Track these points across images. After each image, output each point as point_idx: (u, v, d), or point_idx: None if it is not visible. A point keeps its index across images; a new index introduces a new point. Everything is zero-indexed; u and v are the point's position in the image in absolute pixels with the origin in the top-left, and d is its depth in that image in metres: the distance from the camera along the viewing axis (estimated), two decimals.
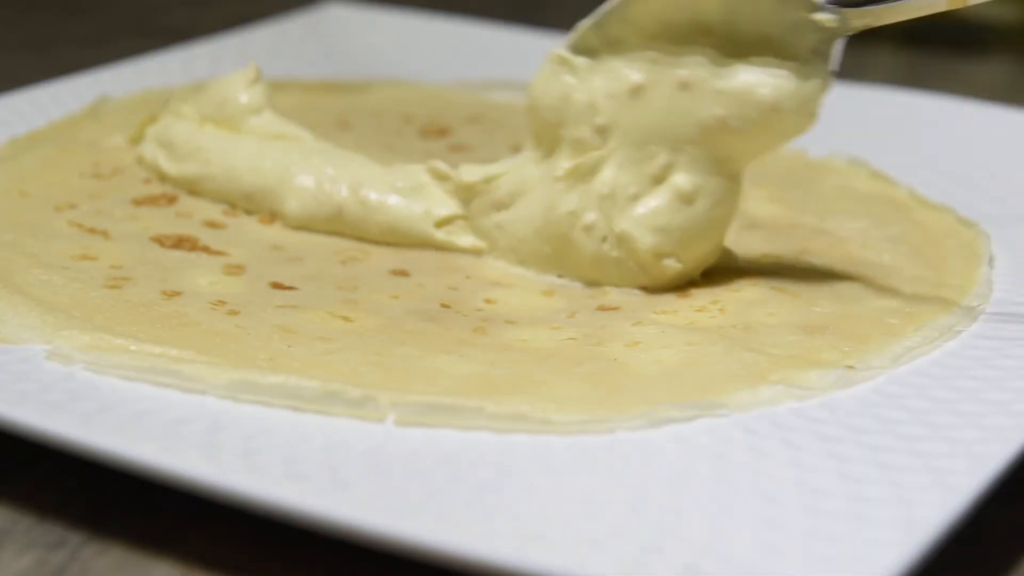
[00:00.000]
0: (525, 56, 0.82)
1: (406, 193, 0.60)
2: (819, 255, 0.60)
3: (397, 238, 0.60)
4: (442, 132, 0.73)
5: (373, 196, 0.61)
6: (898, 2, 0.54)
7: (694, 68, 0.55)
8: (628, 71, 0.56)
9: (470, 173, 0.60)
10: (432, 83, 0.80)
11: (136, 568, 0.43)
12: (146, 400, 0.47)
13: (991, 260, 0.59)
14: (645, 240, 0.56)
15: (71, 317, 0.51)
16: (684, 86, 0.55)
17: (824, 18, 0.54)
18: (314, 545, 0.43)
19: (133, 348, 0.49)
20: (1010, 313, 0.54)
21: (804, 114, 0.55)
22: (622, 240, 0.56)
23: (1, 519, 0.45)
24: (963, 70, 0.92)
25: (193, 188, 0.64)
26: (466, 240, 0.60)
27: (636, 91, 0.56)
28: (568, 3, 1.07)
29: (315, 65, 0.82)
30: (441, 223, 0.60)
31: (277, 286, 0.56)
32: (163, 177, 0.65)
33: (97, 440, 0.43)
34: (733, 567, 0.39)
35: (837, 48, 0.55)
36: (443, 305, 0.55)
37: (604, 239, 0.56)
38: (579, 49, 0.57)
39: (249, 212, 0.63)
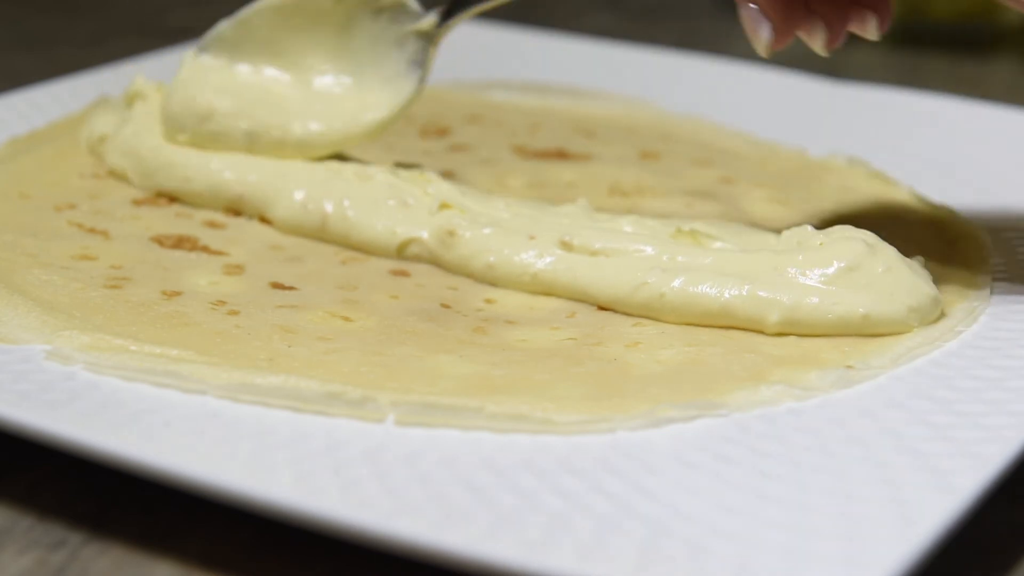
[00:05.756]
0: (525, 56, 0.82)
1: (385, 210, 0.59)
2: None
3: (375, 252, 0.59)
4: (442, 132, 0.73)
5: (352, 213, 0.59)
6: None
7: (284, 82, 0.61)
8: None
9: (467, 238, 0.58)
10: (432, 83, 0.80)
11: (136, 568, 0.43)
12: (146, 400, 0.47)
13: (991, 260, 0.59)
14: None
15: (71, 317, 0.51)
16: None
17: (425, 24, 0.60)
18: (314, 545, 0.43)
19: (133, 348, 0.49)
20: (1010, 313, 0.54)
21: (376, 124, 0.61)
22: None
23: (1, 519, 0.45)
24: (965, 71, 0.92)
25: (173, 197, 0.63)
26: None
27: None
28: (567, 3, 1.08)
29: None
30: (402, 247, 0.59)
31: (277, 286, 0.56)
32: (138, 186, 0.64)
33: (97, 440, 0.43)
34: (733, 567, 0.39)
35: (431, 56, 0.61)
36: (443, 305, 0.55)
37: None
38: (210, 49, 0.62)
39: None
